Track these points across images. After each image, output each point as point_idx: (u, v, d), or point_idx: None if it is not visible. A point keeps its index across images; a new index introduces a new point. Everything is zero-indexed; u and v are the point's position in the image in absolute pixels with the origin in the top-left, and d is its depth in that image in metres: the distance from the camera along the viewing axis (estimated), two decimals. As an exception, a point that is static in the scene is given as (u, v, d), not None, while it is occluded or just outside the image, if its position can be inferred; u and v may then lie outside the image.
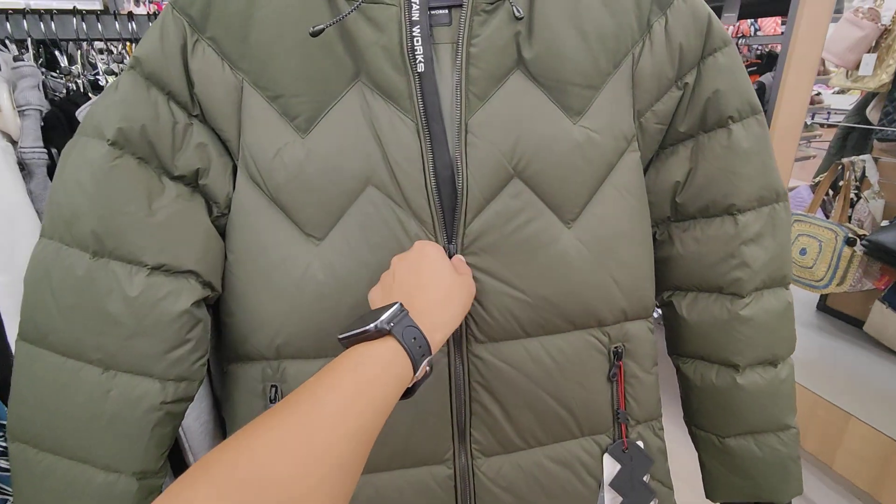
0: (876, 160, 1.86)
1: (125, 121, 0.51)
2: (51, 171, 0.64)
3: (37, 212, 0.61)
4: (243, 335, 0.57)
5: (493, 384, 0.56)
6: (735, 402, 0.62)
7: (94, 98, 0.70)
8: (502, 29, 0.53)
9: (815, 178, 2.03)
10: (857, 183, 1.90)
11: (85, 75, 0.78)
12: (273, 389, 0.56)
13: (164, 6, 0.55)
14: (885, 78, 1.69)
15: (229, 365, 0.60)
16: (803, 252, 1.83)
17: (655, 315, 0.70)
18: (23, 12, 0.68)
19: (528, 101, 0.54)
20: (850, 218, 1.88)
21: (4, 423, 0.63)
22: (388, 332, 0.40)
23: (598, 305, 0.57)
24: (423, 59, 0.52)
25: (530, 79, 0.54)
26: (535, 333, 0.56)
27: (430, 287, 0.46)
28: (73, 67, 0.78)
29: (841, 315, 2.14)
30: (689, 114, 0.59)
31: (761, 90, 1.66)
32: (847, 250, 1.71)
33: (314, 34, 0.50)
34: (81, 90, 0.77)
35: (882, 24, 1.67)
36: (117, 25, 0.73)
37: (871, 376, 1.79)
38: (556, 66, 0.54)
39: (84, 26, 0.71)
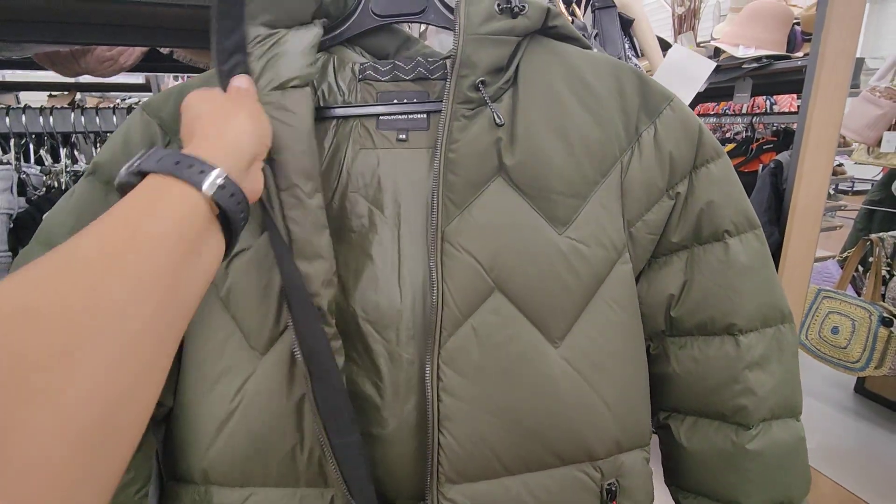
0: (906, 237, 1.77)
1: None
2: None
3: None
4: (179, 452, 0.52)
5: None
6: None
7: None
8: (482, 135, 0.51)
9: (842, 253, 1.95)
10: (889, 259, 1.80)
11: (67, 172, 0.78)
12: None
13: (133, 111, 0.56)
14: (909, 155, 1.64)
15: (167, 481, 0.54)
16: (835, 331, 1.72)
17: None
18: (22, 108, 0.69)
19: (510, 210, 0.51)
20: (883, 296, 1.77)
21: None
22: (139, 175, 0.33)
23: (589, 435, 0.51)
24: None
25: (512, 186, 0.51)
26: (517, 470, 0.50)
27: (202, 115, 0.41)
28: (57, 165, 0.78)
29: (880, 399, 1.98)
30: (681, 224, 0.56)
31: (778, 169, 1.62)
32: (883, 331, 1.60)
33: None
34: (63, 187, 0.77)
35: (901, 102, 1.64)
36: (115, 119, 0.75)
37: (919, 473, 1.62)
38: (539, 175, 0.51)
39: (83, 120, 0.72)
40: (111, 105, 0.78)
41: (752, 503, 0.54)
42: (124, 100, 2.37)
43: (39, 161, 0.76)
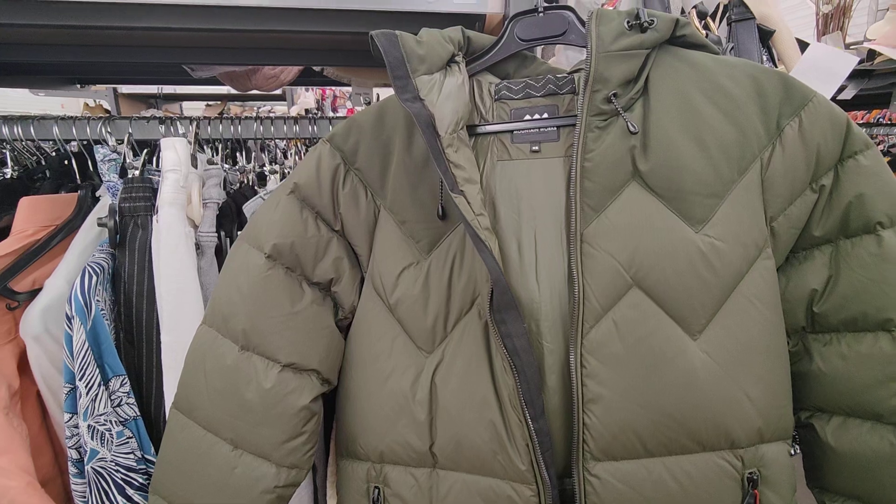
0: None
1: (280, 238, 0.60)
2: (217, 250, 0.79)
3: (201, 284, 0.74)
4: (352, 434, 0.61)
5: None
6: None
7: (259, 192, 0.86)
8: (616, 144, 0.55)
9: None
10: None
11: (253, 171, 0.98)
12: (376, 491, 0.59)
13: (320, 142, 0.65)
14: None
15: (340, 459, 0.65)
16: None
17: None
18: (220, 117, 0.89)
19: (646, 211, 0.54)
20: None
21: (150, 459, 0.74)
22: None
23: (730, 424, 0.53)
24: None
25: (647, 189, 0.55)
26: (659, 453, 0.53)
27: None
28: (248, 165, 0.98)
29: None
30: (825, 217, 0.56)
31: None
32: None
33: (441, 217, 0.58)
34: (249, 184, 0.97)
35: None
36: (285, 128, 0.91)
37: None
38: (674, 177, 0.54)
39: (261, 128, 0.90)
40: (254, 114, 0.96)
41: None
42: (260, 108, 2.72)
43: (224, 161, 0.96)
